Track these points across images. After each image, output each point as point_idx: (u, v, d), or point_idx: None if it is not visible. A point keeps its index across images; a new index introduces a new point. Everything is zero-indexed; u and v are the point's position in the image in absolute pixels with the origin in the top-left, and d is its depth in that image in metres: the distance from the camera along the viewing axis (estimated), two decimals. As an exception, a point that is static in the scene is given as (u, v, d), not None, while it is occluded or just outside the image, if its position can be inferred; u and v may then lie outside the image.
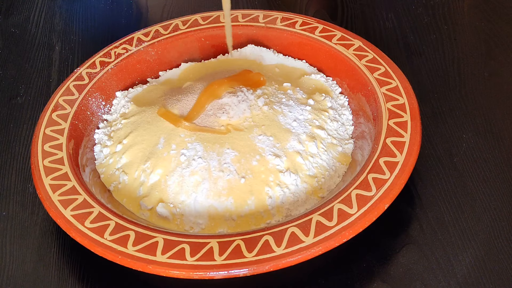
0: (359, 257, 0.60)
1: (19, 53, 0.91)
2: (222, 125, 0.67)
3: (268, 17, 0.82)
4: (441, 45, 0.85)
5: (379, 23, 0.90)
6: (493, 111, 0.74)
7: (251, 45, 0.80)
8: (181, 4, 0.98)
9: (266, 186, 0.62)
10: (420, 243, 0.61)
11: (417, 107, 0.67)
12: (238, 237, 0.56)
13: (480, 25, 0.88)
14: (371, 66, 0.72)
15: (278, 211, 0.62)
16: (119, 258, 0.56)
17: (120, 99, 0.76)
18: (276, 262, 0.54)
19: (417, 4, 0.93)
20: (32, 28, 0.95)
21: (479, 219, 0.63)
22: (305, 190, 0.63)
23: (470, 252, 0.60)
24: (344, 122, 0.71)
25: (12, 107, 0.81)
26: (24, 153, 0.74)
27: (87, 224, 0.58)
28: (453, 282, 0.58)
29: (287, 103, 0.70)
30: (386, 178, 0.59)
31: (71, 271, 0.62)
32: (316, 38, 0.78)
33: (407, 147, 0.62)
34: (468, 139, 0.71)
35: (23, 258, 0.63)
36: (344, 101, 0.74)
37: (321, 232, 0.55)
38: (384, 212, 0.57)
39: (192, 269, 0.54)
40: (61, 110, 0.71)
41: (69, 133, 0.69)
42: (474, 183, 0.66)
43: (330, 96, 0.73)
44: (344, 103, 0.73)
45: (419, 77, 0.79)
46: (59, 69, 0.87)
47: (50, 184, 0.63)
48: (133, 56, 0.79)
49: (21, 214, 0.67)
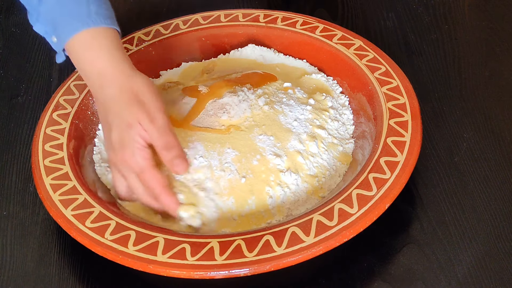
0: (359, 257, 0.60)
1: (19, 52, 0.91)
2: (223, 124, 0.67)
3: (268, 16, 0.82)
4: (441, 45, 0.85)
5: (379, 22, 0.90)
6: (494, 111, 0.74)
7: (251, 44, 0.80)
8: (181, 3, 0.98)
9: (266, 186, 0.62)
10: (421, 242, 0.61)
11: (417, 107, 0.66)
12: (238, 237, 0.56)
13: (480, 25, 0.88)
14: (372, 65, 0.72)
15: (278, 211, 0.62)
16: (119, 258, 0.56)
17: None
18: (276, 261, 0.54)
19: (417, 4, 0.93)
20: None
21: (480, 218, 0.63)
22: (306, 189, 0.63)
23: (470, 251, 0.60)
24: (344, 122, 0.71)
25: (13, 107, 0.81)
26: (25, 153, 0.74)
27: (88, 224, 0.58)
28: (453, 281, 0.58)
29: (288, 103, 0.69)
30: (387, 177, 0.59)
31: (71, 270, 0.62)
32: (317, 37, 0.78)
33: (408, 146, 0.62)
34: (469, 139, 0.71)
35: (24, 257, 0.63)
36: (344, 101, 0.74)
37: (321, 232, 0.55)
38: (384, 211, 0.57)
39: (192, 269, 0.54)
40: (62, 109, 0.71)
41: (69, 132, 0.69)
42: (475, 182, 0.66)
43: (330, 96, 0.73)
44: (344, 103, 0.73)
45: (420, 76, 0.79)
46: (60, 69, 0.86)
47: (50, 183, 0.63)
48: (134, 55, 0.78)
49: (21, 213, 0.67)
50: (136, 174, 0.61)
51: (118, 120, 0.61)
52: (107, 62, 0.62)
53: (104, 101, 0.62)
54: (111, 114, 0.62)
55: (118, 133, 0.61)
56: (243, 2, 0.98)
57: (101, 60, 0.62)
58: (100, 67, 0.62)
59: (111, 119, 0.61)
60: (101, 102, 0.63)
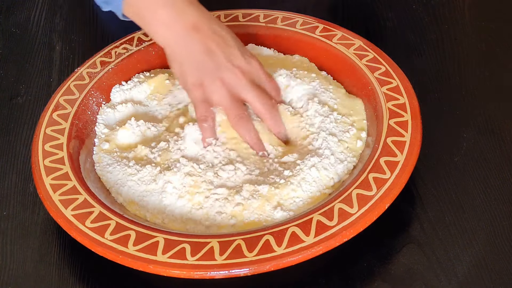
0: (359, 257, 0.60)
1: (19, 53, 0.91)
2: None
3: (268, 16, 0.82)
4: (441, 45, 0.85)
5: (379, 22, 0.90)
6: (494, 111, 0.74)
7: (251, 44, 0.80)
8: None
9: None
10: (421, 242, 0.61)
11: (417, 107, 0.66)
12: (238, 237, 0.56)
13: (480, 25, 0.88)
14: (372, 65, 0.72)
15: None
16: (119, 258, 0.56)
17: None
18: (276, 261, 0.54)
19: (417, 4, 0.93)
20: (33, 28, 0.94)
21: (480, 218, 0.63)
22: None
23: (471, 251, 0.60)
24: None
25: (13, 107, 0.81)
26: (25, 153, 0.74)
27: (88, 224, 0.58)
28: (454, 281, 0.58)
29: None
30: (387, 177, 0.59)
31: (71, 271, 0.62)
32: (317, 37, 0.78)
33: (408, 146, 0.62)
34: (469, 139, 0.71)
35: (24, 257, 0.63)
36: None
37: (321, 231, 0.55)
38: (384, 211, 0.57)
39: (192, 269, 0.54)
40: (62, 110, 0.71)
41: (69, 132, 0.69)
42: (475, 182, 0.66)
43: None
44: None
45: (420, 76, 0.79)
46: (60, 69, 0.86)
47: (50, 183, 0.63)
48: (134, 55, 0.79)
49: (21, 214, 0.67)
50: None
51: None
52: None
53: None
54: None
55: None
56: (243, 2, 0.97)
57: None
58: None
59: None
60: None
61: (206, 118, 0.66)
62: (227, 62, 0.66)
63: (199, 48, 0.66)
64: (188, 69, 0.67)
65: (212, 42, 0.66)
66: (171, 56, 0.68)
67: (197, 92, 0.67)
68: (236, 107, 0.66)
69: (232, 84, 0.66)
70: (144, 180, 0.64)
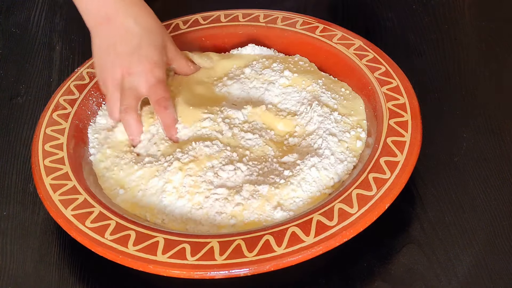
0: (359, 257, 0.60)
1: (19, 53, 0.91)
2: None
3: (268, 16, 0.82)
4: (441, 45, 0.85)
5: (379, 22, 0.90)
6: (494, 111, 0.74)
7: (251, 44, 0.80)
8: (181, 3, 0.98)
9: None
10: (421, 242, 0.61)
11: (417, 107, 0.67)
12: (238, 237, 0.56)
13: (480, 24, 0.88)
14: (372, 65, 0.72)
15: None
16: (119, 258, 0.56)
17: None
18: (276, 261, 0.54)
19: (417, 4, 0.93)
20: (33, 28, 0.94)
21: (480, 218, 0.63)
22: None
23: (471, 251, 0.60)
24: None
25: (13, 107, 0.81)
26: (25, 153, 0.74)
27: (88, 224, 0.58)
28: (454, 281, 0.58)
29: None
30: (387, 177, 0.59)
31: (71, 271, 0.62)
32: (317, 37, 0.78)
33: (408, 146, 0.62)
34: (469, 139, 0.71)
35: (24, 257, 0.63)
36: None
37: (321, 231, 0.55)
38: (384, 211, 0.57)
39: (192, 269, 0.54)
40: (62, 110, 0.71)
41: (69, 132, 0.69)
42: (475, 182, 0.66)
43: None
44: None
45: (420, 76, 0.79)
46: (60, 69, 0.87)
47: (50, 183, 0.63)
48: (134, 55, 0.78)
49: (21, 213, 0.67)
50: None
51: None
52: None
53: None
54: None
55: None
56: (244, 2, 0.97)
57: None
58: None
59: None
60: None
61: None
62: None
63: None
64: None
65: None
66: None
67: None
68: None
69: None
70: (144, 179, 0.64)
